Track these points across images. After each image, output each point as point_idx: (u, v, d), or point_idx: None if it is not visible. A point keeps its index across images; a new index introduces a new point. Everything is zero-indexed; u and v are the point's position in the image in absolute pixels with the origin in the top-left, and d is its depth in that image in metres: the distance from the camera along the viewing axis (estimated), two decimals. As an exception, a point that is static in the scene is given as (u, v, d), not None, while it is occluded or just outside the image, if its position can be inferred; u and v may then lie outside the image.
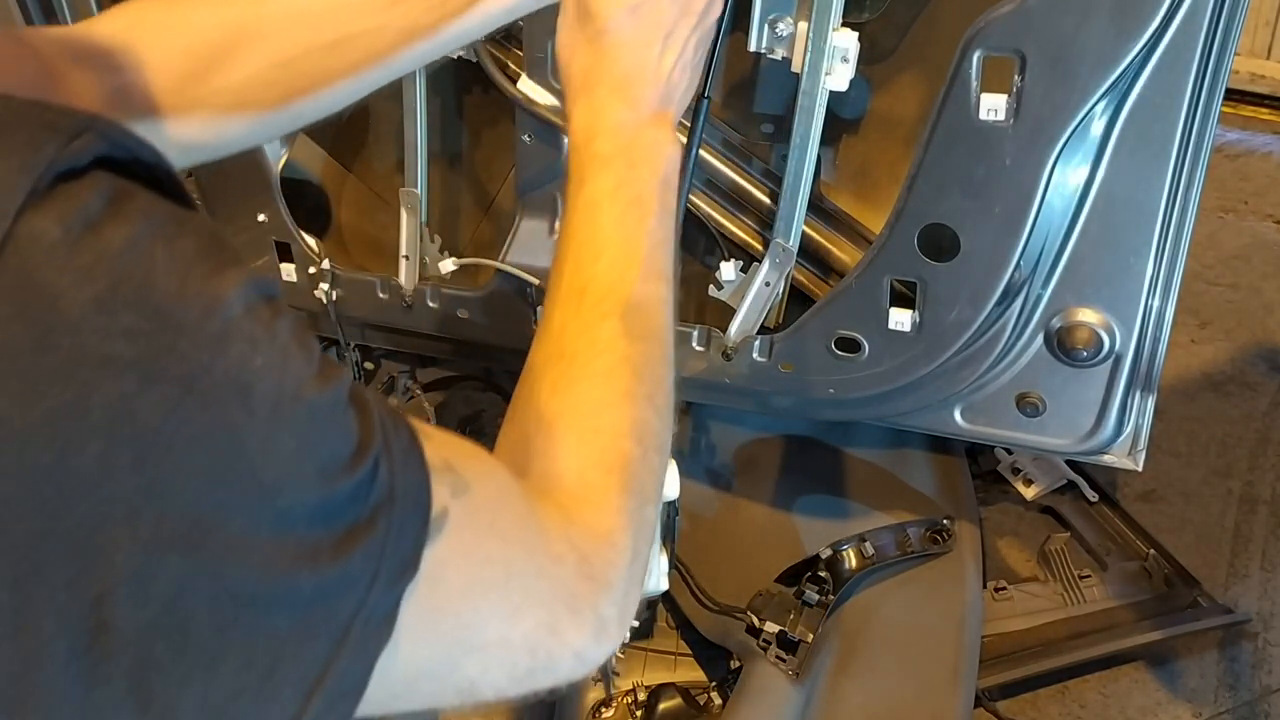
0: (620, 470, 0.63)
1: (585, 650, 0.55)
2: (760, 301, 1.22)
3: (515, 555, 0.52)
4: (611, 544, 0.59)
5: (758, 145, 1.30)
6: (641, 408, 0.67)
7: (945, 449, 1.65)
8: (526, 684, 0.54)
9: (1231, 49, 1.00)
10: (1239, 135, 2.61)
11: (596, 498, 0.61)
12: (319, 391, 0.40)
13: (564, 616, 0.54)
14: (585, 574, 0.56)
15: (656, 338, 0.71)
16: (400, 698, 0.48)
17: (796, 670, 1.33)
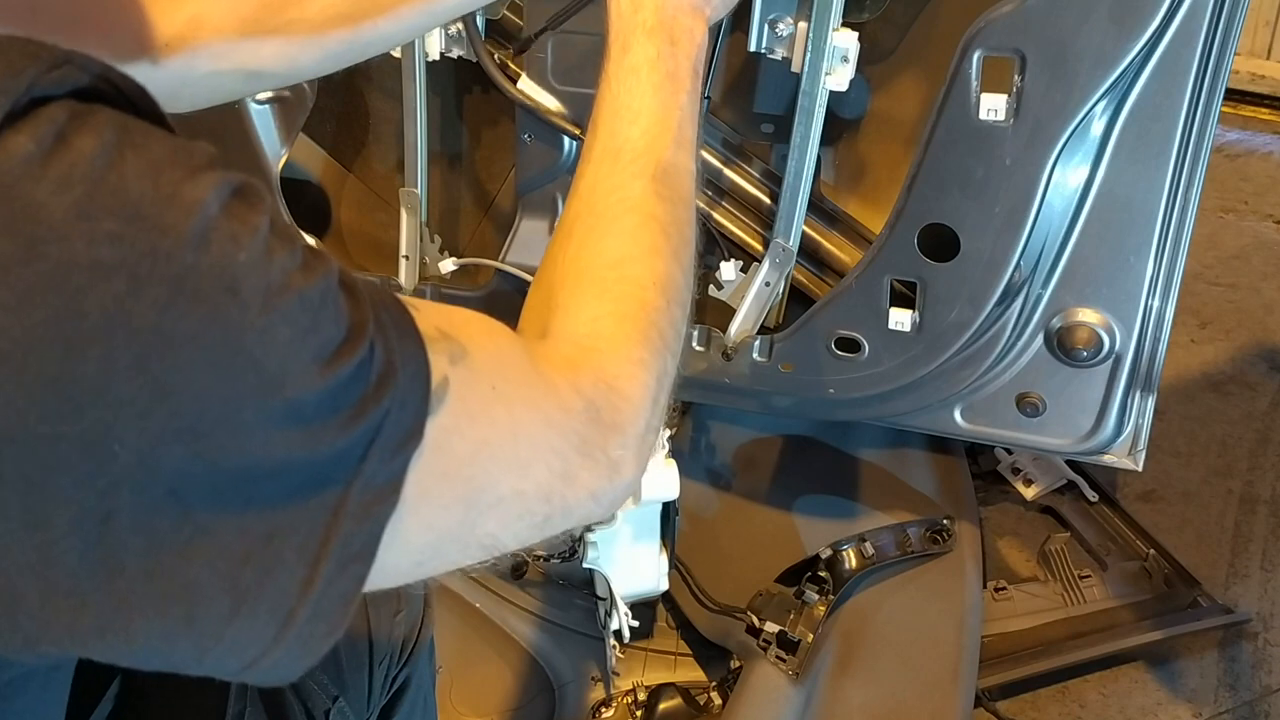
0: (640, 319, 0.64)
1: (600, 491, 0.57)
2: (760, 301, 1.22)
3: (520, 412, 0.52)
4: (621, 390, 0.60)
5: (758, 145, 1.30)
6: (668, 262, 0.69)
7: (945, 449, 1.65)
8: (546, 530, 0.55)
9: (1231, 49, 1.00)
10: (1239, 135, 2.61)
11: (609, 346, 0.62)
12: (306, 281, 0.41)
13: (575, 462, 0.55)
14: (593, 419, 0.56)
15: (685, 202, 0.74)
16: (427, 562, 0.50)
17: (796, 670, 1.33)
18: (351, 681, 0.87)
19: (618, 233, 0.69)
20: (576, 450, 0.55)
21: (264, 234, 0.40)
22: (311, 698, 0.83)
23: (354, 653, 0.88)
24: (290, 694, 0.82)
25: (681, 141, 0.75)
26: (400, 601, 0.95)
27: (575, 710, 1.46)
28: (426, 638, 1.00)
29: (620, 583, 1.31)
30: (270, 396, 0.39)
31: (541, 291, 0.68)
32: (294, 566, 0.42)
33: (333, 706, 0.84)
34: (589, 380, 0.58)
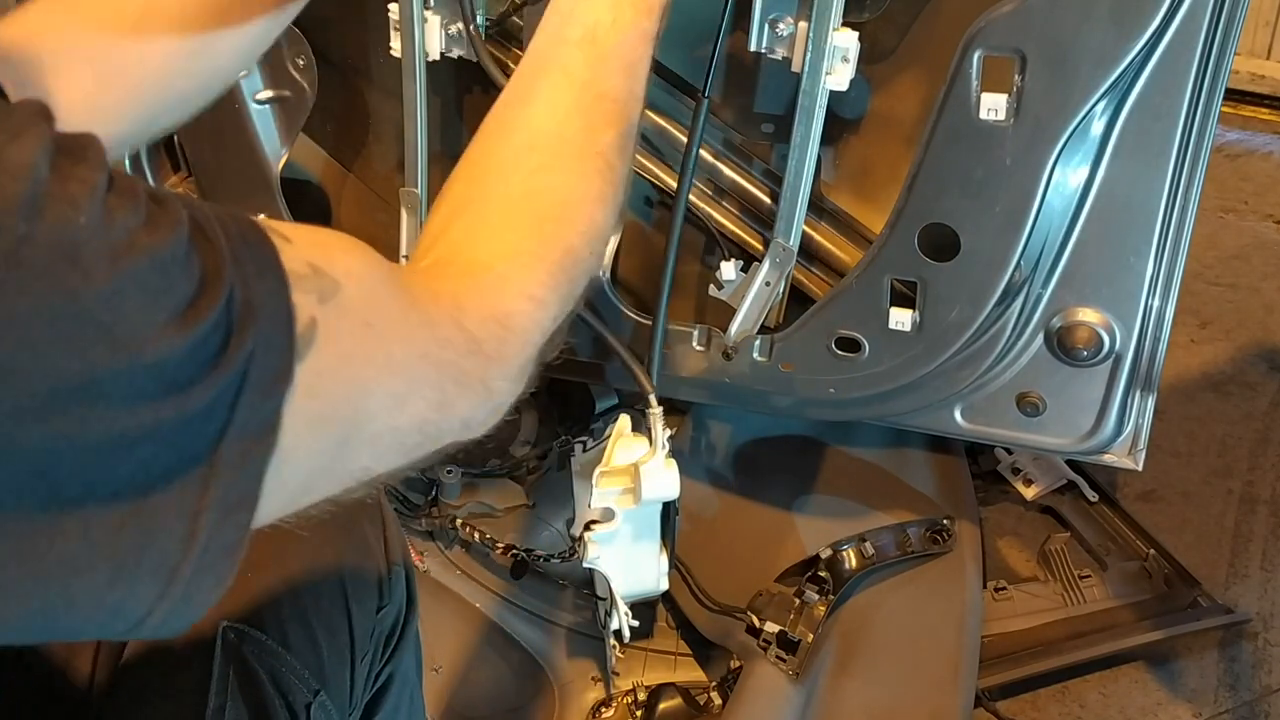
0: (552, 260, 0.63)
1: (472, 418, 0.57)
2: (760, 301, 1.22)
3: (395, 349, 0.51)
4: (511, 326, 0.59)
5: (758, 145, 1.30)
6: (603, 209, 0.68)
7: (945, 449, 1.65)
8: (415, 455, 0.55)
9: (1231, 49, 1.00)
10: (1239, 135, 2.61)
11: (508, 281, 0.61)
12: (154, 239, 0.39)
13: (452, 393, 0.54)
14: (474, 352, 0.56)
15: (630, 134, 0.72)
16: (299, 499, 0.50)
17: (796, 670, 1.33)
18: (333, 676, 0.86)
19: (577, 174, 0.67)
20: (454, 382, 0.54)
21: (102, 192, 0.38)
22: (292, 691, 0.82)
23: (335, 647, 0.88)
24: (271, 688, 0.81)
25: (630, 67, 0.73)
26: (383, 596, 0.95)
27: (575, 710, 1.46)
28: (411, 633, 1.00)
29: (620, 583, 1.31)
30: (128, 364, 0.38)
31: (445, 209, 0.66)
32: (173, 525, 0.41)
33: (314, 700, 0.83)
34: (475, 314, 0.57)
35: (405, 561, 1.00)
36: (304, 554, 0.89)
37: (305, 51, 1.30)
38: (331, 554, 0.91)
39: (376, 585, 0.94)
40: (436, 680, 1.46)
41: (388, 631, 0.96)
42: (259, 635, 0.82)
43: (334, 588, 0.89)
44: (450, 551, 1.59)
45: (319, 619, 0.87)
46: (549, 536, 1.54)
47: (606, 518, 1.26)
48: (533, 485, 1.60)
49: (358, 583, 0.91)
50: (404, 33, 1.21)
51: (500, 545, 1.48)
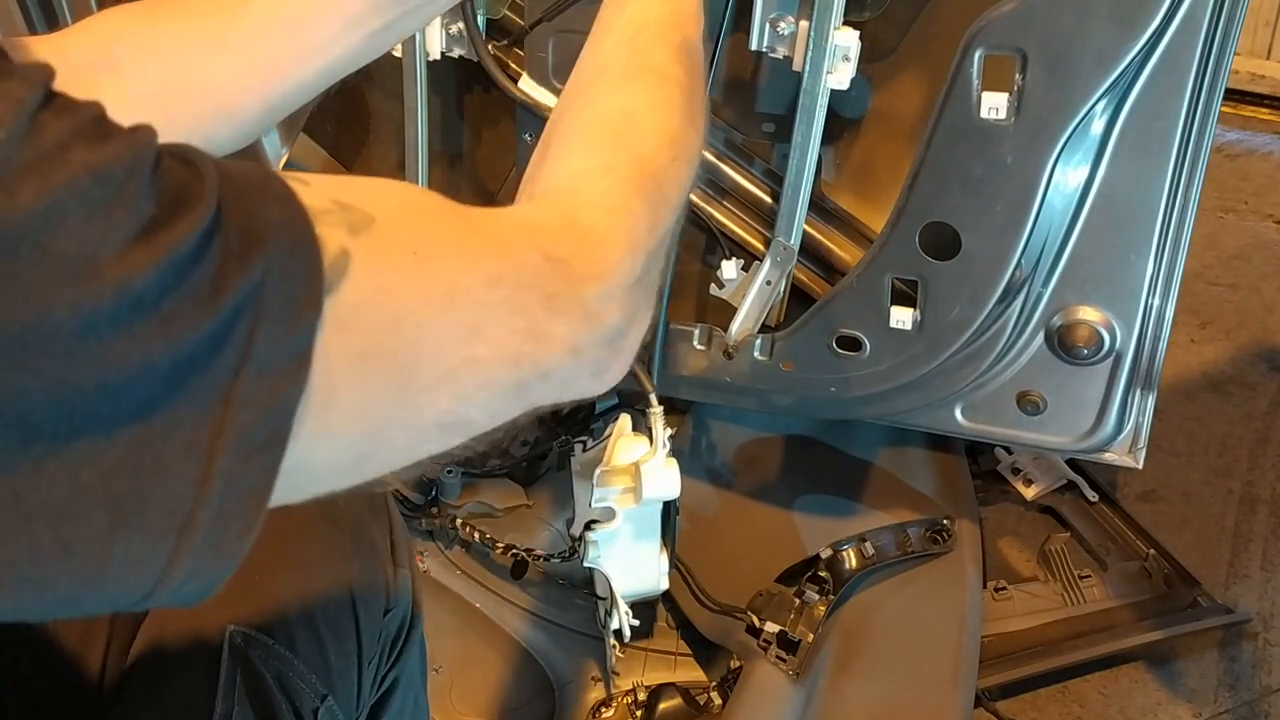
0: (634, 169, 0.59)
1: (580, 343, 0.51)
2: (761, 300, 1.22)
3: (454, 275, 0.47)
4: (595, 239, 0.54)
5: (759, 144, 1.30)
6: (681, 121, 0.63)
7: (945, 448, 1.65)
8: (524, 398, 0.50)
9: (1231, 49, 1.00)
10: (1239, 135, 2.61)
11: (587, 196, 0.57)
12: (94, 154, 0.36)
13: (542, 318, 0.49)
14: (559, 271, 0.51)
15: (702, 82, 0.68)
16: (374, 453, 0.46)
17: (796, 670, 1.33)
18: (340, 680, 0.86)
19: (630, 90, 0.64)
20: (542, 305, 0.49)
21: (32, 108, 0.35)
22: (300, 696, 0.82)
23: (342, 651, 0.87)
24: (278, 693, 0.81)
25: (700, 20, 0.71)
26: (390, 601, 0.95)
27: (575, 710, 1.46)
28: (416, 637, 1.00)
29: (621, 582, 1.31)
30: (88, 290, 0.35)
31: (535, 158, 0.63)
32: (181, 468, 0.37)
33: (321, 705, 0.83)
34: (551, 232, 0.53)
35: (411, 566, 1.00)
36: (312, 558, 0.89)
37: (306, 51, 1.30)
38: (339, 558, 0.90)
39: (384, 589, 0.94)
40: (436, 680, 1.46)
41: (393, 635, 0.96)
42: (266, 640, 0.82)
43: (342, 592, 0.89)
44: (450, 551, 1.59)
45: (326, 623, 0.86)
46: (549, 536, 1.54)
47: (607, 517, 1.26)
48: (533, 485, 1.60)
49: (365, 587, 0.91)
50: (405, 32, 1.21)
51: (500, 545, 1.48)
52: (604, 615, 1.39)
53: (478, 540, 1.50)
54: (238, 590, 0.85)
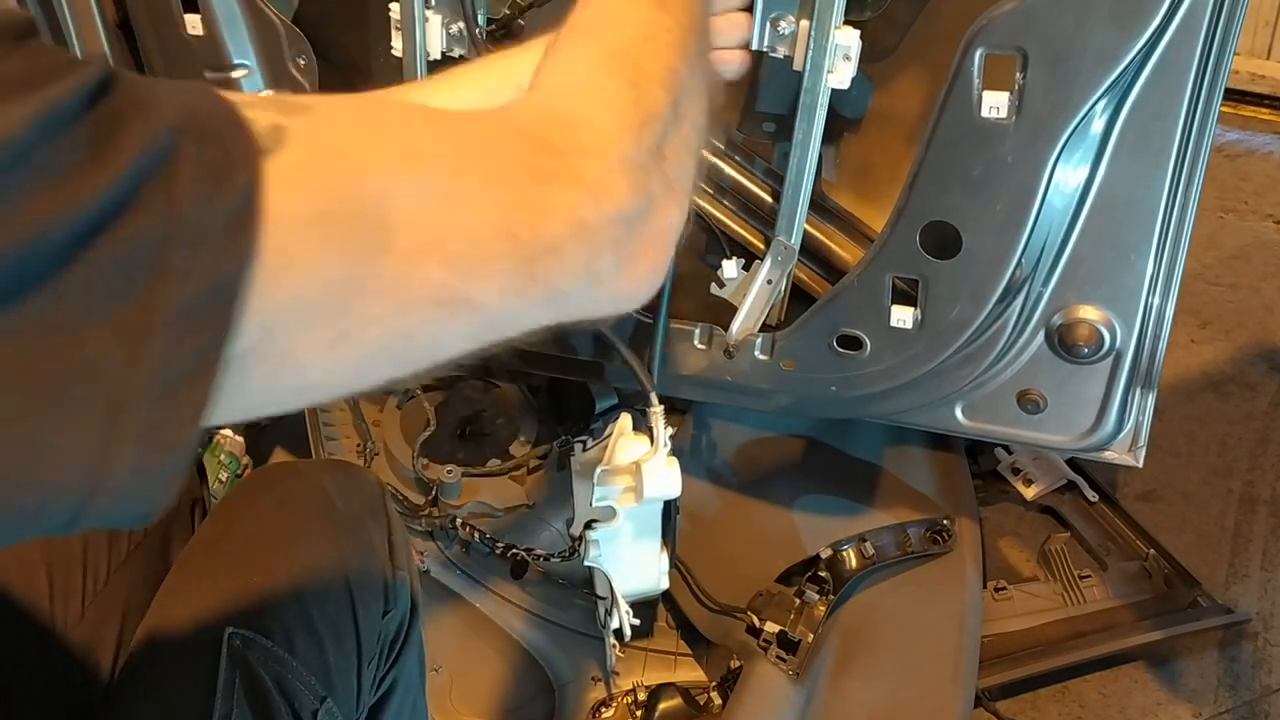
0: (607, 54, 0.57)
1: (587, 217, 0.49)
2: (762, 299, 1.22)
3: (415, 142, 0.45)
4: (576, 118, 0.52)
5: (759, 144, 1.30)
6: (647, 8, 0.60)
7: (945, 448, 1.65)
8: (540, 281, 0.47)
9: (1231, 49, 1.00)
10: (1239, 135, 2.62)
11: (568, 89, 0.54)
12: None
13: (528, 186, 0.47)
14: (539, 146, 0.49)
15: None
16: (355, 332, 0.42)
17: (797, 670, 1.33)
18: (339, 681, 0.86)
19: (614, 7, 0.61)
20: (527, 174, 0.47)
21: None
22: (299, 698, 0.82)
23: (341, 652, 0.87)
24: (277, 695, 0.81)
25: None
26: (388, 602, 0.95)
27: (575, 710, 1.46)
28: (414, 638, 1.00)
29: (621, 581, 1.31)
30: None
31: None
32: (104, 345, 0.34)
33: (320, 707, 0.83)
34: (527, 115, 0.51)
35: (410, 567, 1.00)
36: (311, 560, 0.89)
37: (305, 51, 1.30)
38: (338, 559, 0.90)
39: (382, 590, 0.94)
40: (437, 680, 1.46)
41: (392, 636, 0.96)
42: (265, 642, 0.82)
43: (340, 593, 0.89)
44: (450, 551, 1.59)
45: (325, 625, 0.86)
46: (549, 536, 1.54)
47: (607, 516, 1.26)
48: (533, 485, 1.60)
49: (364, 588, 0.91)
50: (405, 32, 1.21)
51: (500, 545, 1.48)
52: (604, 615, 1.39)
53: (478, 540, 1.50)
54: (237, 592, 0.85)
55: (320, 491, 0.94)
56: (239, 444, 1.69)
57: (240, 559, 0.88)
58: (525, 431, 1.66)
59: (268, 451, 1.74)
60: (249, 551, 0.88)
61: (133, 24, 1.34)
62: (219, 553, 0.90)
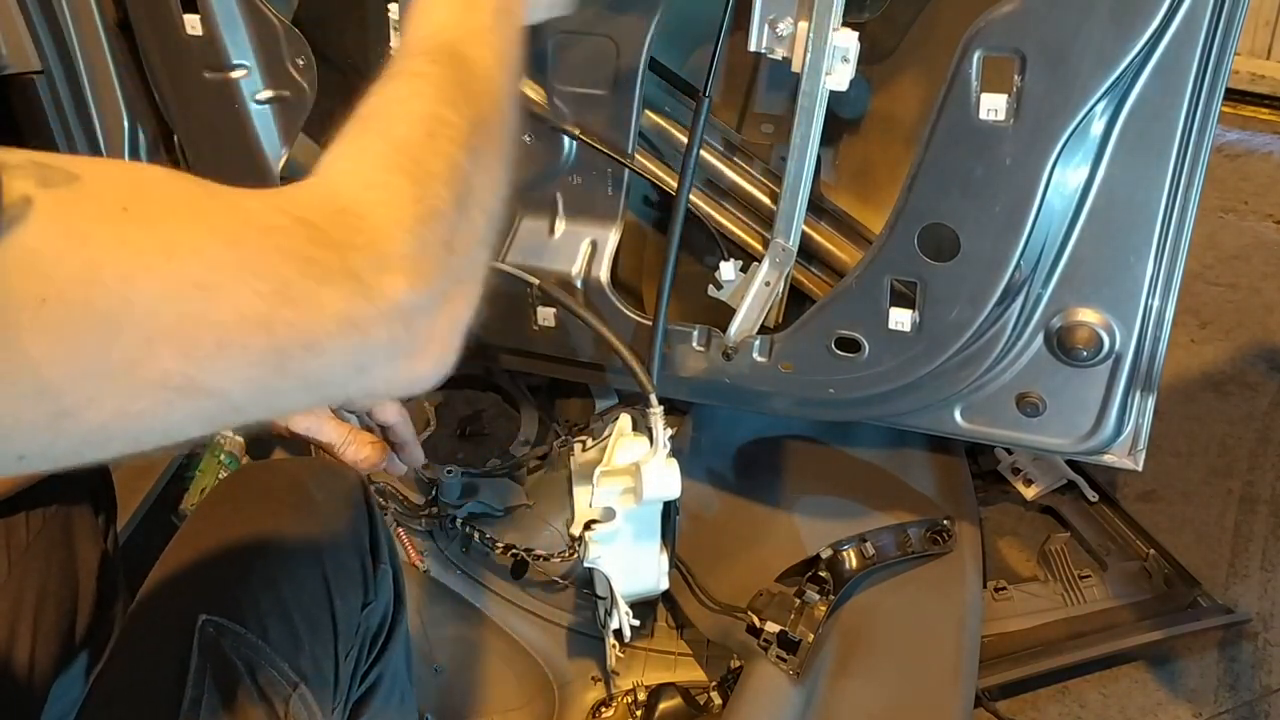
0: (390, 149, 0.57)
1: (359, 316, 0.49)
2: (760, 301, 1.22)
3: (175, 231, 0.45)
4: (354, 211, 0.51)
5: (758, 145, 1.30)
6: (435, 104, 0.61)
7: (945, 449, 1.65)
8: (289, 370, 0.47)
9: (1231, 49, 1.00)
10: (1239, 135, 2.61)
11: (345, 177, 0.55)
12: None
13: (296, 281, 0.47)
14: (315, 239, 0.48)
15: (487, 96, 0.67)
16: (76, 411, 0.42)
17: (797, 670, 1.33)
18: (314, 670, 0.87)
19: (381, 90, 0.62)
20: (296, 268, 0.47)
21: None
22: (272, 684, 0.83)
23: (317, 641, 0.88)
24: (249, 680, 0.82)
25: (486, 43, 0.69)
26: (368, 594, 0.95)
27: (575, 710, 1.46)
28: (400, 633, 1.00)
29: (621, 582, 1.31)
30: None
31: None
32: None
33: (294, 693, 0.84)
34: (304, 203, 0.51)
35: (393, 561, 1.00)
36: (285, 549, 0.90)
37: (305, 51, 1.31)
38: (313, 550, 0.92)
39: (361, 582, 0.95)
40: (436, 680, 1.46)
41: (375, 630, 0.97)
42: (237, 628, 0.83)
43: (316, 583, 0.90)
44: (450, 551, 1.59)
45: (300, 613, 0.87)
46: (549, 536, 1.54)
47: (607, 517, 1.26)
48: (533, 485, 1.60)
49: (341, 579, 0.92)
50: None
51: (500, 545, 1.48)
52: (604, 615, 1.39)
53: (478, 540, 1.50)
54: (212, 581, 0.87)
55: (299, 486, 0.96)
56: (239, 444, 1.69)
57: (217, 550, 0.90)
58: (525, 431, 1.66)
59: (268, 452, 1.74)
60: (226, 542, 0.90)
61: (133, 24, 1.34)
62: (198, 544, 0.91)
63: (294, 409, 0.51)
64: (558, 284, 1.30)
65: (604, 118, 1.22)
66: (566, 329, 1.35)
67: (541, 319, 1.35)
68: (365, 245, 0.50)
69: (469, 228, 0.58)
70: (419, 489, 1.59)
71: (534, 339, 1.38)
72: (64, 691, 0.96)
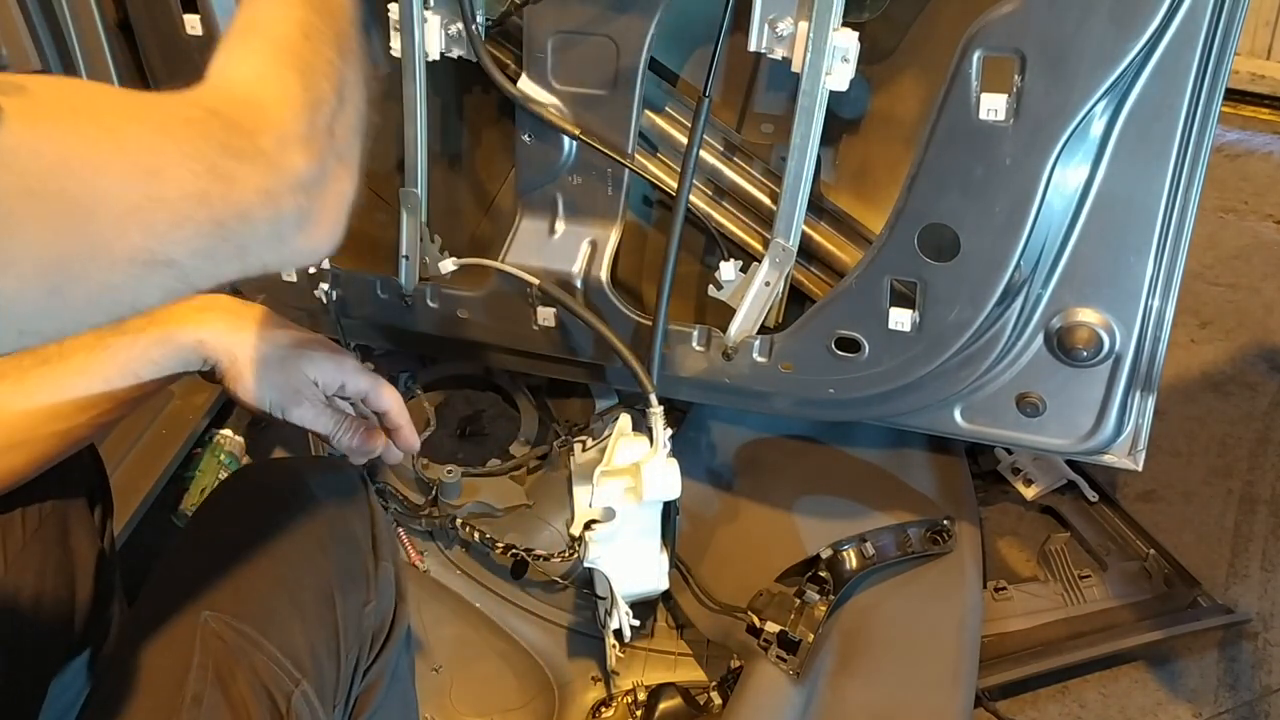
0: (273, 48, 0.65)
1: (271, 187, 0.57)
2: (760, 301, 1.22)
3: (119, 125, 0.51)
4: (253, 99, 0.59)
5: (758, 145, 1.30)
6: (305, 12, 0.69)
7: (945, 449, 1.65)
8: (229, 239, 0.55)
9: (1231, 49, 1.00)
10: (1239, 135, 2.62)
11: (240, 75, 0.62)
12: None
13: (220, 160, 0.54)
14: (229, 124, 0.56)
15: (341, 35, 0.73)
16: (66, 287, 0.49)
17: (797, 670, 1.33)
18: (316, 667, 0.87)
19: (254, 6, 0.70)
20: (218, 150, 0.54)
21: None
22: (273, 681, 0.83)
23: (320, 639, 0.88)
24: (251, 677, 0.82)
25: None
26: (369, 592, 0.96)
27: (575, 710, 1.46)
28: (400, 633, 1.00)
29: (621, 582, 1.31)
30: None
31: None
32: None
33: (295, 690, 0.84)
34: (214, 98, 0.59)
35: (394, 560, 1.01)
36: (288, 547, 0.90)
37: (305, 51, 1.30)
38: (315, 548, 0.92)
39: (363, 580, 0.95)
40: (436, 680, 1.46)
41: (376, 628, 0.97)
42: (240, 625, 0.83)
43: (318, 581, 0.90)
44: (450, 551, 1.59)
45: (302, 611, 0.87)
46: (549, 536, 1.54)
47: (607, 517, 1.26)
48: (533, 485, 1.60)
49: (343, 576, 0.92)
50: (404, 32, 1.21)
51: (500, 545, 1.48)
52: (604, 615, 1.39)
53: (478, 540, 1.50)
54: (215, 578, 0.87)
55: (301, 484, 0.96)
56: (239, 444, 1.69)
57: (220, 547, 0.90)
58: (525, 431, 1.66)
59: (268, 451, 1.74)
60: (228, 540, 0.91)
61: (133, 24, 1.34)
62: (201, 542, 0.92)
63: (229, 277, 0.58)
64: (558, 284, 1.30)
65: (604, 118, 1.22)
66: (566, 329, 1.35)
67: (541, 319, 1.35)
68: (269, 128, 0.58)
69: (345, 116, 0.67)
70: (419, 489, 1.59)
71: (534, 339, 1.38)
72: (62, 690, 0.96)
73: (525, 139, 1.27)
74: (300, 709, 0.83)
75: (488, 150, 1.45)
